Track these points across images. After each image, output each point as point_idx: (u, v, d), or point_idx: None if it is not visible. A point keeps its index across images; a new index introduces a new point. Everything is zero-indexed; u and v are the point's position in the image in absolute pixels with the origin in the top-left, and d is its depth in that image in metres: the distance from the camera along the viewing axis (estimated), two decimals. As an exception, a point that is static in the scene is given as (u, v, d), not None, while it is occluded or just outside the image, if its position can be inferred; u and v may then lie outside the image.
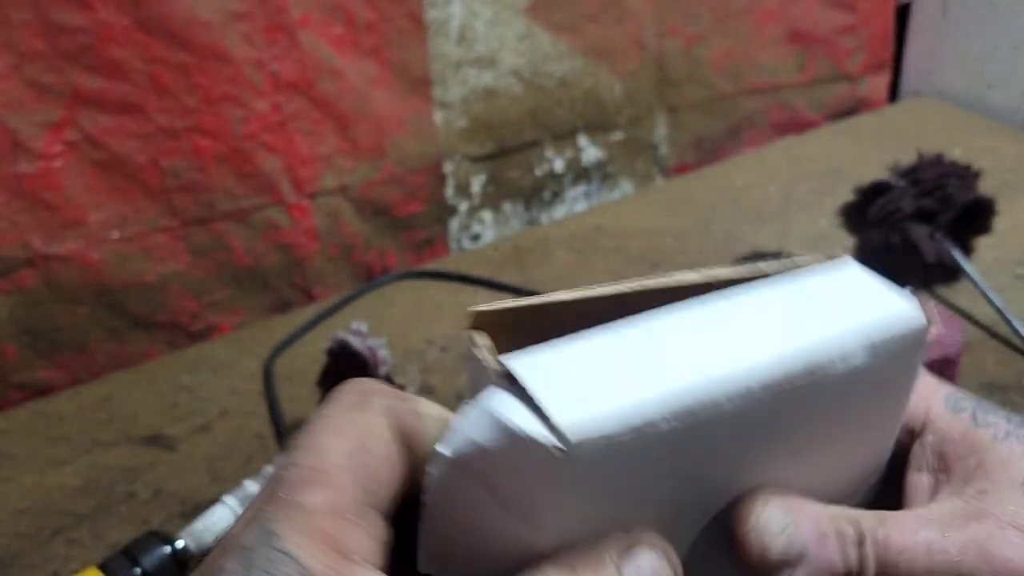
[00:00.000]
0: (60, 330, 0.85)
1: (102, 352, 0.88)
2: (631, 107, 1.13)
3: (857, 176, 0.95)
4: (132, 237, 0.86)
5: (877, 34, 1.27)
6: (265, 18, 0.84)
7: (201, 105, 0.84)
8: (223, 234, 0.90)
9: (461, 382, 0.82)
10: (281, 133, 0.89)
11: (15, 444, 0.79)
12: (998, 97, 1.24)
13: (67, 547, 0.68)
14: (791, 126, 1.27)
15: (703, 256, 0.98)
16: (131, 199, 0.84)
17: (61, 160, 0.80)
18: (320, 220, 0.95)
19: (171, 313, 0.90)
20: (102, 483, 0.74)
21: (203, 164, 0.86)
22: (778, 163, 1.16)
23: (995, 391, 0.76)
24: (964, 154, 1.06)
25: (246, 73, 0.85)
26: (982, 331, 0.83)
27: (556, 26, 1.03)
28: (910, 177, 0.90)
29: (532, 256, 1.00)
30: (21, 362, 0.85)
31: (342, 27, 0.90)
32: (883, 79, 1.32)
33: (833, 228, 0.97)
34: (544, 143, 1.09)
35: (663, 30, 1.10)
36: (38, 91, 0.77)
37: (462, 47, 0.98)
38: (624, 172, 1.17)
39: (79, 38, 0.76)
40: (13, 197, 0.79)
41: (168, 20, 0.79)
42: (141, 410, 0.82)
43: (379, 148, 0.96)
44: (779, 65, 1.21)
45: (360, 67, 0.92)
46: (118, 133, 0.81)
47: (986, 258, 0.92)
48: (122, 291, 0.86)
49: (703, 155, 1.22)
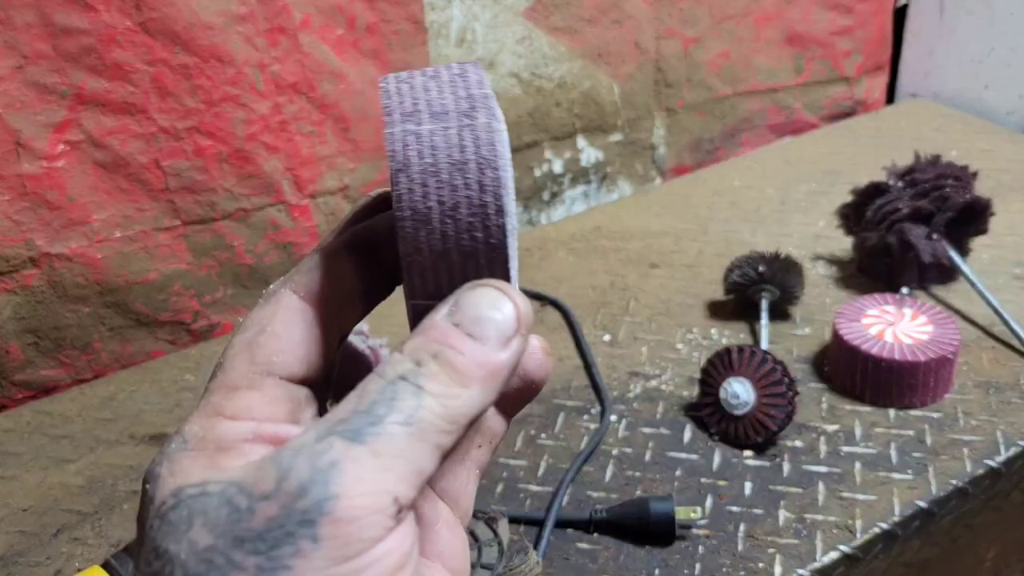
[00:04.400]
0: (63, 329, 0.85)
1: (105, 351, 0.89)
2: (629, 109, 1.14)
3: (854, 177, 0.95)
4: (134, 237, 0.86)
5: (874, 36, 1.27)
6: (266, 20, 0.85)
7: (203, 106, 0.84)
8: (225, 234, 0.90)
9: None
10: (282, 134, 0.90)
11: (19, 443, 0.79)
12: (995, 99, 1.25)
13: (70, 545, 0.68)
14: (788, 127, 1.27)
15: (701, 256, 0.98)
16: (133, 199, 0.85)
17: (64, 160, 0.80)
18: (321, 220, 0.96)
19: (173, 312, 0.91)
20: (105, 482, 0.74)
21: (205, 164, 0.86)
22: (776, 164, 1.17)
23: (992, 390, 0.77)
24: (961, 155, 1.07)
25: (247, 74, 0.85)
26: (979, 331, 0.84)
27: (555, 28, 1.04)
28: (907, 178, 0.90)
29: (532, 256, 1.00)
30: (24, 361, 0.85)
31: (343, 29, 0.90)
32: (880, 81, 1.32)
33: (830, 229, 0.97)
34: (543, 144, 1.09)
35: (661, 32, 1.11)
36: (41, 92, 0.77)
37: (462, 49, 0.99)
38: (623, 173, 1.18)
39: (82, 40, 0.77)
40: (17, 197, 0.79)
41: (170, 22, 0.80)
42: (144, 409, 0.82)
43: (379, 149, 0.97)
44: (776, 67, 1.22)
45: (361, 69, 0.93)
46: (120, 134, 0.82)
47: (983, 259, 0.93)
48: (125, 290, 0.87)
49: (701, 156, 1.23)
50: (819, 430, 0.74)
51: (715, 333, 0.87)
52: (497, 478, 0.72)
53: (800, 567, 0.63)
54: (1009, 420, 0.74)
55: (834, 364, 0.80)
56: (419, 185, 0.28)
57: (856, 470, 0.70)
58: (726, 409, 0.73)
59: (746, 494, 0.69)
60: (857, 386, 0.77)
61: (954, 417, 0.74)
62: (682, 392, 0.80)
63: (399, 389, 0.26)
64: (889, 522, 0.65)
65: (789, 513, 0.67)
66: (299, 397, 0.29)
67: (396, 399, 0.25)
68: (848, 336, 0.77)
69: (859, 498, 0.68)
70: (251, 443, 0.27)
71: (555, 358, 0.85)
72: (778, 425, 0.72)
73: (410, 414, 0.25)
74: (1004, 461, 0.70)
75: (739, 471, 0.71)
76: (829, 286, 0.92)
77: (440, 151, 0.28)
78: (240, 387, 0.28)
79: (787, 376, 0.73)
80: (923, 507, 0.67)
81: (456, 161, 0.28)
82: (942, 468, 0.70)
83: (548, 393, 0.80)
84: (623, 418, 0.77)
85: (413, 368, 0.26)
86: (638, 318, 0.90)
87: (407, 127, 0.28)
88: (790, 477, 0.70)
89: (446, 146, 0.28)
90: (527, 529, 0.67)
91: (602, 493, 0.70)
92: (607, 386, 0.80)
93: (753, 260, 0.87)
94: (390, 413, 0.25)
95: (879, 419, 0.75)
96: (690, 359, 0.83)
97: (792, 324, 0.87)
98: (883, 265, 0.89)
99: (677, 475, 0.71)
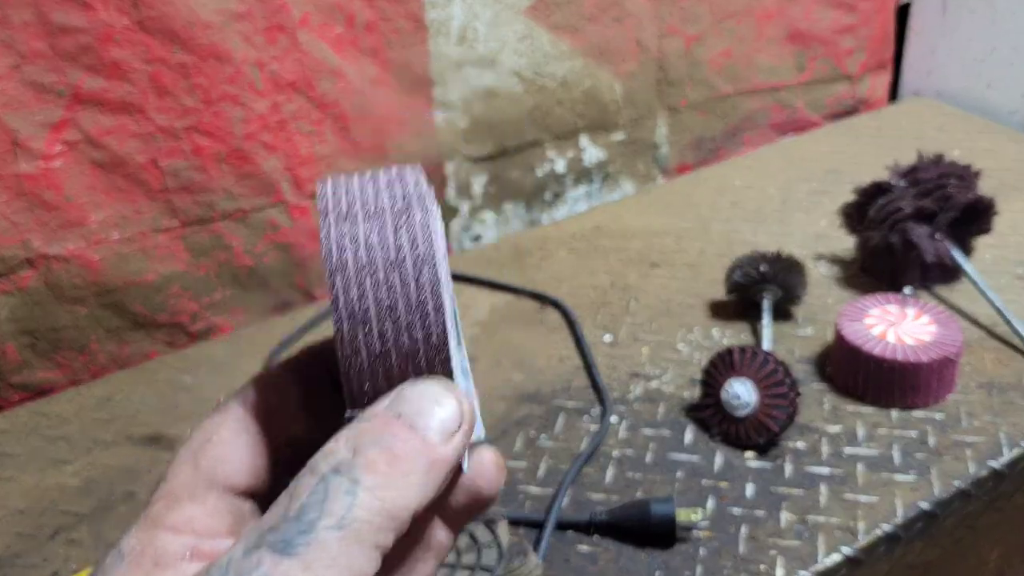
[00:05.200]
0: (60, 330, 0.85)
1: (102, 352, 0.88)
2: (631, 107, 1.13)
3: (857, 176, 0.95)
4: (132, 237, 0.86)
5: (877, 34, 1.27)
6: (265, 18, 0.84)
7: (201, 105, 0.84)
8: (223, 234, 0.90)
9: (461, 382, 0.82)
10: (281, 133, 0.89)
11: (15, 444, 0.79)
12: (997, 98, 1.24)
13: (67, 547, 0.68)
14: (791, 126, 1.27)
15: (703, 256, 0.98)
16: (131, 199, 0.84)
17: (61, 160, 0.80)
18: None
19: (171, 313, 0.90)
20: (102, 483, 0.74)
21: (203, 164, 0.86)
22: (778, 163, 1.16)
23: (995, 391, 0.76)
24: (963, 154, 1.06)
25: (246, 73, 0.85)
26: (982, 331, 0.83)
27: (556, 26, 1.03)
28: (910, 177, 0.90)
29: (532, 256, 1.00)
30: (21, 362, 0.85)
31: (342, 27, 0.90)
32: (883, 79, 1.32)
33: (833, 228, 0.97)
34: (545, 143, 1.09)
35: (663, 30, 1.10)
36: (38, 91, 0.77)
37: (463, 47, 0.98)
38: (625, 172, 1.17)
39: (79, 38, 0.77)
40: (13, 197, 0.79)
41: (168, 20, 0.79)
42: (141, 410, 0.82)
43: (380, 148, 0.96)
44: (779, 65, 1.22)
45: (360, 67, 0.92)
46: (118, 133, 0.81)
47: (985, 258, 0.92)
48: (122, 291, 0.86)
49: (703, 155, 1.22)
50: (821, 431, 0.74)
51: (716, 333, 0.86)
52: (497, 479, 0.71)
53: (802, 569, 0.62)
54: (1012, 421, 0.73)
55: (836, 364, 0.79)
56: (355, 286, 0.28)
57: (858, 471, 0.70)
58: (727, 410, 0.73)
59: (748, 496, 0.68)
60: (859, 387, 0.76)
61: (957, 418, 0.74)
62: (683, 393, 0.79)
63: (331, 486, 0.24)
64: (892, 524, 0.65)
65: (791, 515, 0.66)
66: (242, 510, 0.28)
67: (328, 499, 0.24)
68: (850, 336, 0.76)
69: (861, 499, 0.67)
70: (188, 560, 0.26)
71: (555, 358, 0.85)
72: (780, 426, 0.71)
73: (343, 515, 0.24)
74: (1007, 462, 0.70)
75: (741, 472, 0.70)
76: (831, 286, 0.92)
77: (376, 250, 0.28)
78: (182, 498, 0.27)
79: (789, 377, 0.72)
80: (926, 509, 0.66)
81: (392, 260, 0.28)
82: (945, 469, 0.69)
83: (548, 394, 0.80)
84: (624, 419, 0.77)
85: (348, 458, 0.25)
86: (639, 318, 0.89)
87: (342, 229, 0.28)
88: (792, 478, 0.70)
89: (382, 246, 0.28)
90: (527, 531, 0.67)
91: (602, 495, 0.69)
92: (608, 387, 0.80)
93: (755, 260, 0.87)
94: (321, 517, 0.24)
95: (881, 420, 0.75)
96: (691, 360, 0.83)
97: (794, 324, 0.87)
98: (886, 265, 0.89)
99: (678, 476, 0.71)
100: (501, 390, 0.81)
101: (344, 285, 0.27)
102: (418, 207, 0.28)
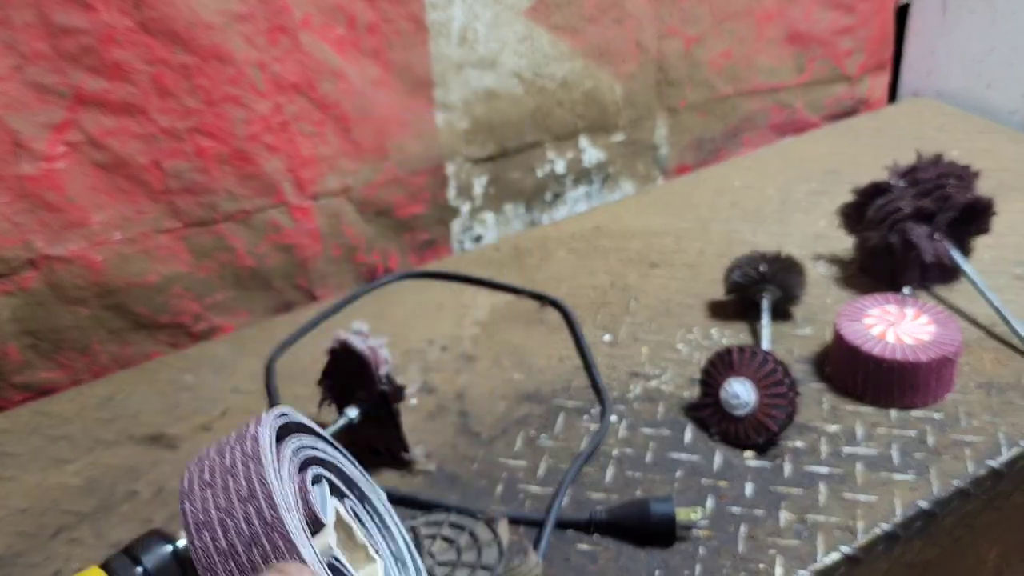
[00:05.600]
0: (62, 331, 0.85)
1: (104, 353, 0.88)
2: (631, 108, 1.13)
3: (856, 176, 0.95)
4: (134, 238, 0.86)
5: (876, 35, 1.27)
6: (266, 20, 0.85)
7: (203, 106, 0.84)
8: (225, 235, 0.90)
9: (461, 382, 0.82)
10: (283, 134, 0.90)
11: (17, 444, 0.79)
12: (997, 98, 1.24)
13: (69, 546, 0.68)
14: (790, 127, 1.27)
15: (702, 256, 0.98)
16: (133, 200, 0.85)
17: (63, 161, 0.80)
18: (322, 221, 0.96)
19: (173, 314, 0.90)
20: (104, 482, 0.74)
21: (205, 165, 0.86)
22: (777, 164, 1.17)
23: (993, 391, 0.77)
24: (963, 155, 1.07)
25: (248, 74, 0.85)
26: (980, 331, 0.84)
27: (556, 27, 1.03)
28: (909, 177, 0.90)
29: (532, 256, 1.00)
30: (23, 363, 0.85)
31: (343, 29, 0.90)
32: (882, 80, 1.32)
33: (832, 228, 0.97)
34: (545, 144, 1.09)
35: (663, 31, 1.11)
36: (40, 92, 0.77)
37: (463, 48, 0.98)
38: (625, 173, 1.18)
39: (81, 39, 0.77)
40: (15, 198, 0.79)
41: (170, 21, 0.80)
42: (143, 409, 0.82)
43: (381, 149, 0.97)
44: (778, 66, 1.22)
45: (361, 68, 0.93)
46: (120, 134, 0.82)
47: (984, 258, 0.92)
48: (124, 292, 0.87)
49: (703, 156, 1.23)
50: (820, 431, 0.74)
51: (716, 333, 0.86)
52: (497, 479, 0.72)
53: (801, 568, 0.62)
54: (1011, 420, 0.73)
55: (835, 364, 0.79)
56: (199, 500, 0.36)
57: (857, 471, 0.70)
58: (727, 410, 0.73)
59: (747, 495, 0.69)
60: (858, 386, 0.77)
61: (956, 417, 0.74)
62: (683, 392, 0.79)
63: None
64: (891, 523, 0.65)
65: (790, 514, 0.67)
66: None
67: None
68: (849, 336, 0.77)
69: (860, 499, 0.67)
70: None
71: (555, 358, 0.85)
72: (779, 426, 0.71)
73: None
74: (1006, 462, 0.70)
75: (740, 472, 0.71)
76: (830, 286, 0.92)
77: (216, 472, 0.36)
78: None
79: (788, 376, 0.72)
80: (925, 508, 0.66)
81: (227, 467, 0.36)
82: (944, 469, 0.69)
83: (548, 393, 0.80)
84: (623, 418, 0.77)
85: None
86: (638, 318, 0.89)
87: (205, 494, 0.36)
88: (791, 478, 0.70)
89: (220, 467, 0.37)
90: (527, 530, 0.67)
91: (602, 494, 0.70)
92: (607, 386, 0.80)
93: (754, 260, 0.87)
94: None
95: (880, 419, 0.75)
96: (691, 359, 0.83)
97: (793, 324, 0.87)
98: (884, 265, 0.89)
99: (677, 476, 0.71)
100: (501, 390, 0.81)
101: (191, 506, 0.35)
102: (250, 436, 0.36)
